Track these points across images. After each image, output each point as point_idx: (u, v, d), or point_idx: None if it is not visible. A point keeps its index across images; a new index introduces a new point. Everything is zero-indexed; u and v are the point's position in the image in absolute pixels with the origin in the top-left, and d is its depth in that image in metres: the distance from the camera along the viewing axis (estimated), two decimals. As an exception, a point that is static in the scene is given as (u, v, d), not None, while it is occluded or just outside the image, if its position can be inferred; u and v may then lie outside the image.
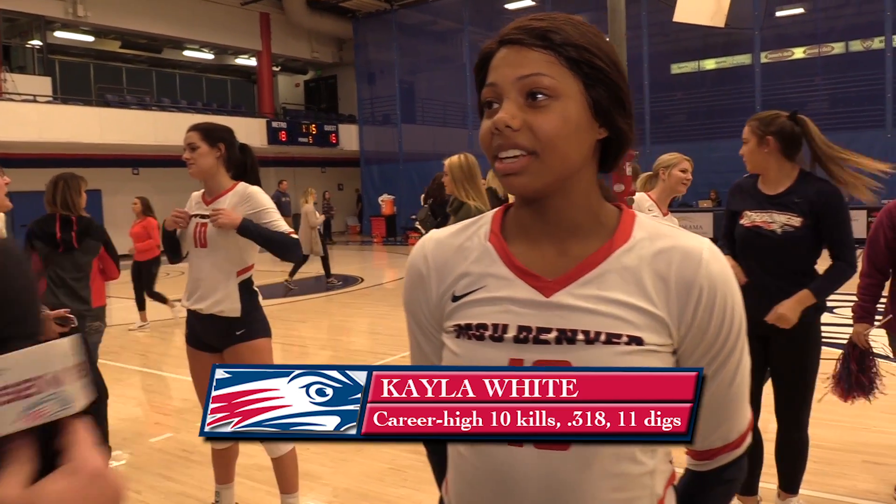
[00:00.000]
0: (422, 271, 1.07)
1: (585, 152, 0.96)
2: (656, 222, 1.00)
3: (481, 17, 20.21)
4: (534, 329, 0.95)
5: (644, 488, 0.97)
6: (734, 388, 1.00)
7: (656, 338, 0.94)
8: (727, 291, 0.95)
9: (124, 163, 18.76)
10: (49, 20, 18.35)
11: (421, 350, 1.11)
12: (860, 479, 3.52)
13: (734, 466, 1.05)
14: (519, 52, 0.93)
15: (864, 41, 15.39)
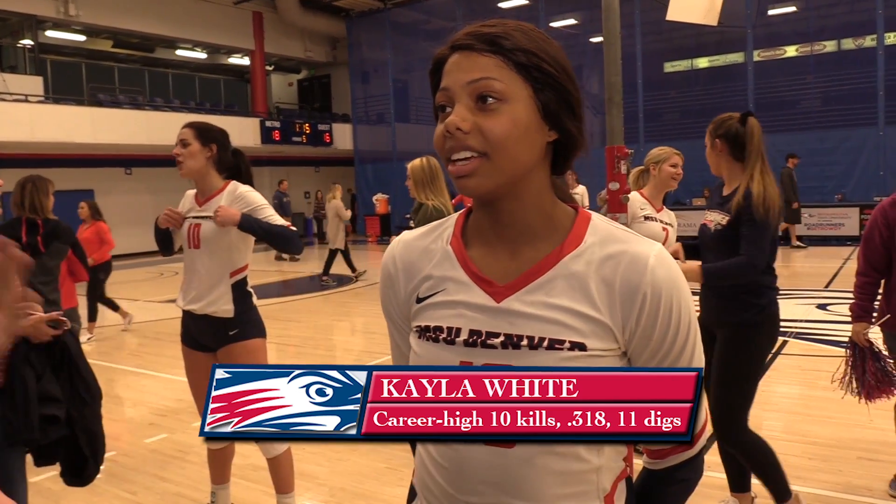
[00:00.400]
0: (391, 272, 1.13)
1: (535, 154, 0.99)
2: (612, 226, 1.03)
3: (474, 15, 20.08)
4: (483, 333, 1.00)
5: (589, 483, 1.00)
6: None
7: (600, 343, 0.97)
8: (673, 296, 0.97)
9: (117, 162, 18.69)
10: (40, 19, 18.25)
11: (398, 348, 1.19)
12: (855, 476, 3.53)
13: (687, 466, 1.08)
14: (469, 58, 0.97)
15: (856, 39, 15.44)
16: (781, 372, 5.53)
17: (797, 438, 4.06)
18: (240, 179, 3.19)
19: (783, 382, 5.29)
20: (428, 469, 1.07)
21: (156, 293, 8.74)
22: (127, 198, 18.03)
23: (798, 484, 3.45)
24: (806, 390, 5.04)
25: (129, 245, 15.56)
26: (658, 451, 1.08)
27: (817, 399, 4.71)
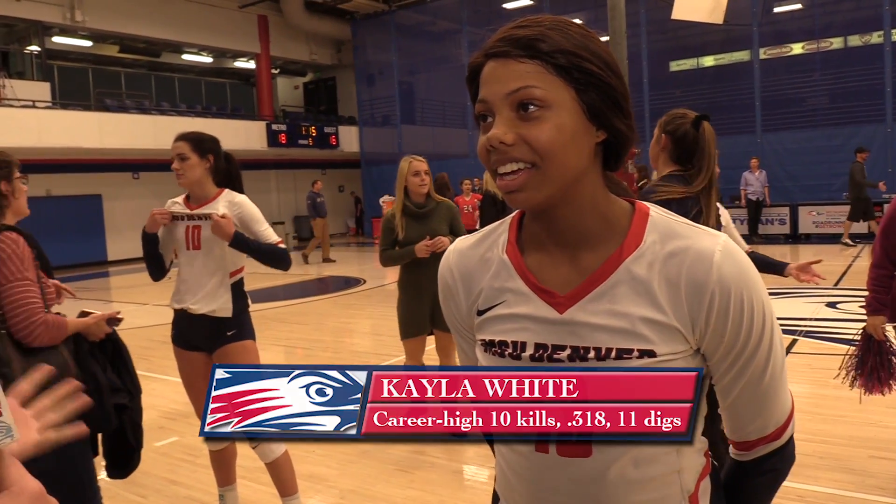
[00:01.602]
0: (449, 283, 1.11)
1: (585, 158, 0.95)
2: (671, 219, 0.98)
3: (479, 17, 20.20)
4: (549, 347, 0.97)
5: (671, 486, 0.98)
6: (765, 384, 0.99)
7: (669, 347, 0.94)
8: (743, 290, 0.93)
9: (124, 167, 18.76)
10: (47, 26, 18.34)
11: (466, 354, 1.16)
12: (867, 474, 3.51)
13: (776, 457, 1.06)
14: (506, 66, 0.92)
15: (862, 36, 15.37)
16: (791, 371, 5.50)
17: (808, 437, 4.04)
18: (230, 182, 3.25)
19: (793, 381, 5.25)
20: (507, 479, 1.06)
21: (163, 297, 8.74)
22: (134, 202, 18.09)
23: (810, 483, 3.43)
24: (816, 389, 5.01)
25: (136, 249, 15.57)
26: (744, 443, 1.06)
27: (828, 398, 4.68)
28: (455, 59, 20.89)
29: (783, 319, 7.28)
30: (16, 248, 2.34)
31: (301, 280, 13.39)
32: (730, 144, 15.62)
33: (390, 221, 4.15)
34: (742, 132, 16.08)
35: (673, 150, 2.67)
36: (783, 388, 1.03)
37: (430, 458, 4.08)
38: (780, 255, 14.16)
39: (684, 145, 2.63)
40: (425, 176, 4.12)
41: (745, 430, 1.04)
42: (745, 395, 1.00)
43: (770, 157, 15.76)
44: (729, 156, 15.36)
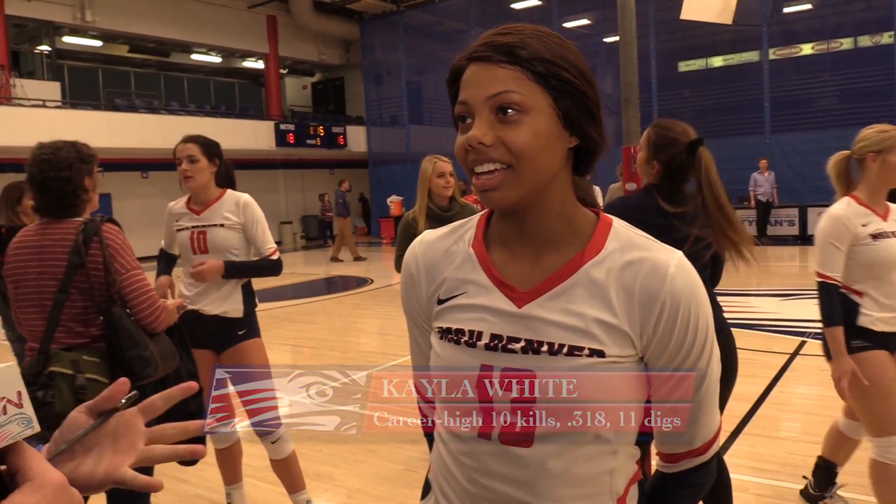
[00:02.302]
0: (412, 272, 1.14)
1: (558, 161, 1.00)
2: (633, 232, 1.04)
3: (487, 17, 20.19)
4: (504, 338, 1.01)
5: (602, 485, 1.02)
6: (698, 399, 1.04)
7: (619, 350, 0.98)
8: (692, 305, 0.99)
9: (133, 167, 18.83)
10: (57, 25, 18.44)
11: (418, 346, 1.20)
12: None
13: (699, 472, 1.10)
14: (487, 70, 0.97)
15: (872, 36, 15.29)
16: (800, 373, 5.48)
17: (817, 440, 4.01)
18: (227, 183, 3.27)
19: (802, 383, 5.24)
20: (446, 464, 1.08)
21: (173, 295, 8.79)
22: (143, 201, 18.15)
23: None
24: (825, 391, 4.97)
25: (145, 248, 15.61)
26: (671, 456, 1.10)
27: (837, 400, 4.63)
28: (463, 59, 20.90)
29: (793, 321, 7.26)
30: (123, 239, 2.40)
31: (309, 280, 13.42)
32: (738, 145, 15.57)
33: (411, 226, 3.77)
34: (751, 133, 16.03)
35: (665, 180, 2.53)
36: (714, 406, 1.07)
37: (437, 457, 4.08)
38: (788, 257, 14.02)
39: (679, 178, 2.51)
40: (450, 178, 3.85)
41: (672, 443, 1.09)
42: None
43: (779, 158, 15.69)
44: (737, 157, 15.31)
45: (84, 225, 2.34)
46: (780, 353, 5.97)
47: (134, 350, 2.30)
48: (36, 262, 2.35)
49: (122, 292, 2.33)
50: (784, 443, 4.04)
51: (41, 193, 2.37)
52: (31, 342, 2.38)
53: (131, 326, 2.31)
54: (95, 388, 2.23)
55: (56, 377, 2.19)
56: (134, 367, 2.29)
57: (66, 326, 2.33)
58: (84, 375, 2.22)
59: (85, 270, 2.30)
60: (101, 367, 2.28)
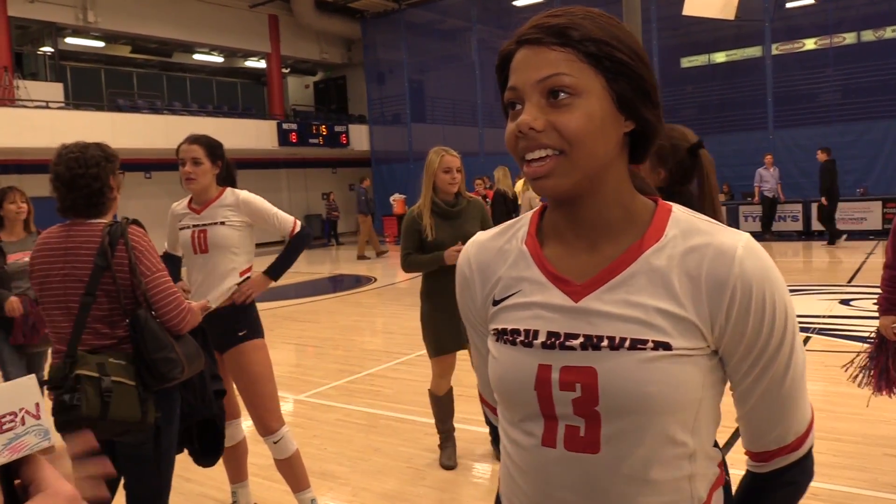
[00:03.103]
0: (466, 275, 1.10)
1: (613, 147, 0.95)
2: (694, 217, 0.97)
3: (489, 14, 20.18)
4: (562, 335, 0.95)
5: (681, 492, 0.95)
6: (786, 389, 0.96)
7: (686, 342, 0.91)
8: (766, 289, 0.91)
9: (136, 167, 18.85)
10: (60, 27, 18.46)
11: (478, 350, 1.14)
12: (881, 472, 3.49)
13: (795, 469, 1.02)
14: (538, 53, 0.92)
15: (875, 31, 15.24)
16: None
17: (821, 435, 4.02)
18: (228, 181, 3.28)
19: (807, 379, 5.23)
20: (513, 478, 1.03)
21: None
22: (146, 202, 18.17)
23: (823, 481, 3.42)
24: (830, 386, 4.98)
25: (149, 248, 15.71)
26: (762, 454, 1.02)
27: (841, 395, 4.65)
28: (465, 56, 20.90)
29: (797, 317, 7.24)
30: (148, 241, 2.42)
31: (312, 278, 13.43)
32: (741, 141, 15.54)
33: (416, 222, 3.68)
34: (754, 129, 15.99)
35: (672, 185, 2.52)
36: (803, 396, 1.00)
37: (441, 455, 4.09)
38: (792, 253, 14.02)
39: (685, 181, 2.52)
40: (457, 174, 3.67)
41: (763, 440, 1.01)
42: (764, 401, 0.97)
43: (782, 154, 15.65)
44: (740, 153, 15.29)
45: (110, 227, 2.35)
46: (784, 348, 5.97)
47: (160, 352, 2.30)
48: (61, 264, 2.36)
49: (147, 294, 2.34)
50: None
51: (69, 192, 2.38)
52: (56, 344, 2.39)
53: (157, 328, 2.32)
54: (121, 390, 2.24)
55: (82, 380, 2.20)
56: (160, 368, 2.30)
57: (93, 329, 2.34)
58: (110, 378, 2.23)
59: (111, 273, 2.31)
60: (128, 369, 2.29)
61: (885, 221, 13.99)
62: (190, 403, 2.54)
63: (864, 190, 14.84)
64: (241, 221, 3.16)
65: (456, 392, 4.06)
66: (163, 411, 2.38)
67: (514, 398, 0.99)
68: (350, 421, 4.89)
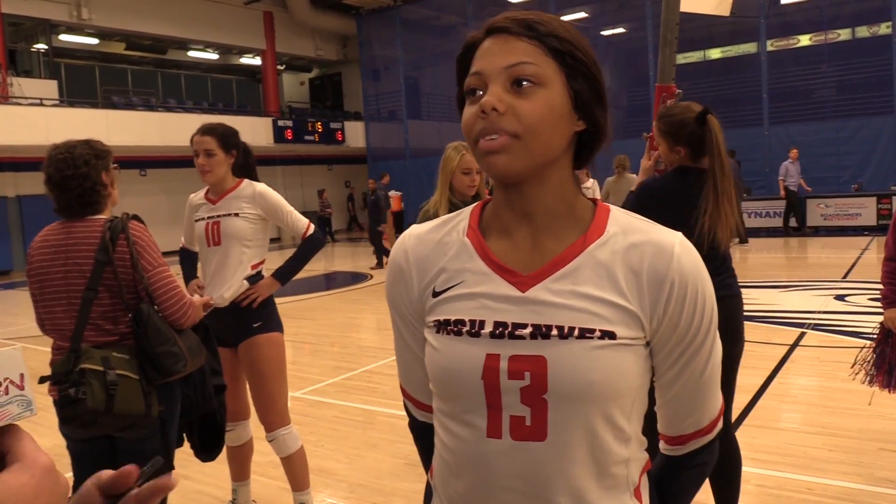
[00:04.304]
0: (402, 266, 1.10)
1: (564, 142, 0.99)
2: (631, 217, 1.02)
3: (484, 10, 19.98)
4: (510, 324, 0.97)
5: (618, 477, 0.99)
6: (705, 377, 1.03)
7: (628, 331, 0.96)
8: (699, 285, 0.97)
9: (131, 164, 18.82)
10: (54, 24, 18.40)
11: (404, 342, 1.14)
12: (877, 467, 3.50)
13: (705, 451, 1.09)
14: (506, 42, 0.97)
15: (870, 27, 15.29)
16: (800, 364, 5.50)
17: (817, 431, 4.04)
18: (247, 173, 3.24)
19: (802, 374, 5.25)
20: (452, 472, 1.03)
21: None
22: (142, 199, 18.15)
23: (819, 476, 3.43)
24: (825, 382, 5.00)
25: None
26: (679, 437, 1.09)
27: (837, 391, 4.67)
28: (461, 53, 20.87)
29: (792, 312, 7.27)
30: (149, 236, 2.41)
31: (308, 276, 13.41)
32: (737, 137, 15.56)
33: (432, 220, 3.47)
34: (749, 125, 16.03)
35: (691, 154, 2.68)
36: (718, 384, 1.06)
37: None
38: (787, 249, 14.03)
39: (699, 146, 2.63)
40: (476, 176, 3.32)
41: (682, 425, 1.07)
42: (686, 389, 1.03)
43: (777, 150, 15.70)
44: (736, 149, 15.30)
45: (110, 222, 2.35)
46: (779, 344, 5.99)
47: (163, 346, 2.30)
48: (62, 261, 2.35)
49: (149, 289, 2.33)
50: (784, 434, 4.05)
51: (61, 193, 2.37)
52: (58, 341, 2.39)
53: (160, 323, 2.32)
54: (126, 384, 2.24)
55: (87, 374, 2.19)
56: (163, 362, 2.30)
57: (96, 324, 2.33)
58: (115, 372, 2.23)
59: (112, 268, 2.30)
60: (131, 363, 2.29)
61: (880, 217, 14.04)
62: (190, 398, 2.54)
63: (858, 186, 14.89)
64: (256, 214, 3.12)
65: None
66: (165, 405, 2.38)
67: (457, 389, 0.99)
68: (347, 418, 4.90)
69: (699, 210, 2.50)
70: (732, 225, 2.54)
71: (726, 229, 2.53)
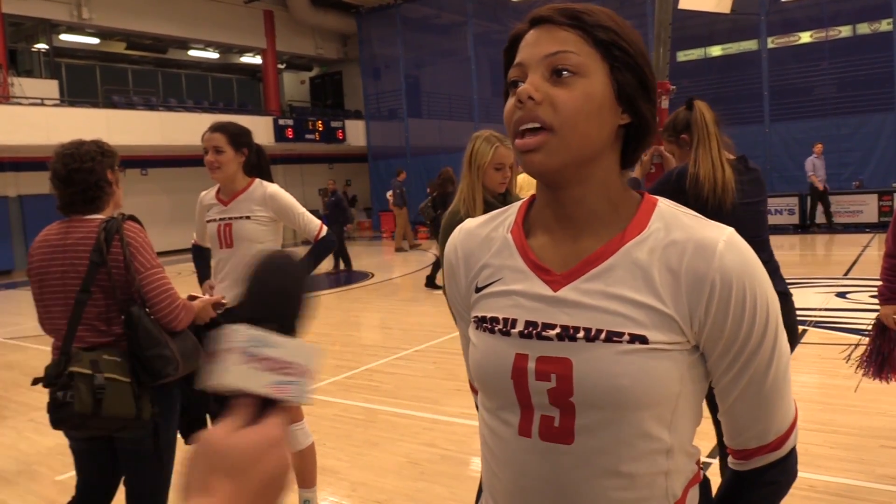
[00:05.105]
0: (452, 262, 1.10)
1: (606, 135, 0.94)
2: (679, 211, 0.97)
3: (485, 9, 20.15)
4: (539, 324, 0.95)
5: (656, 488, 0.94)
6: (767, 387, 0.95)
7: (664, 336, 0.90)
8: (746, 284, 0.90)
9: (132, 164, 18.80)
10: (54, 23, 18.40)
11: (464, 336, 1.13)
12: (878, 464, 3.51)
13: (776, 469, 1.00)
14: (549, 31, 0.94)
15: (871, 24, 15.25)
16: (801, 361, 5.50)
17: (818, 427, 4.04)
18: (260, 173, 3.23)
19: (803, 371, 5.25)
20: (491, 468, 1.03)
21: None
22: (143, 198, 18.13)
23: (820, 473, 3.43)
24: (826, 379, 5.00)
25: (146, 245, 15.72)
26: (742, 452, 1.01)
27: (838, 388, 4.67)
28: (461, 51, 20.86)
29: (792, 310, 7.26)
30: (144, 237, 2.40)
31: (309, 274, 13.40)
32: (737, 134, 15.41)
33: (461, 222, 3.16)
34: (750, 122, 16.00)
35: (691, 135, 2.89)
36: (787, 394, 0.98)
37: (439, 449, 4.10)
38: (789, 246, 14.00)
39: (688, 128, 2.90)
40: (509, 171, 2.98)
41: (743, 437, 1.00)
42: (745, 398, 0.96)
43: (778, 147, 15.68)
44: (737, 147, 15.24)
45: (106, 223, 2.34)
46: (781, 341, 5.98)
47: (154, 349, 2.29)
48: (59, 261, 2.36)
49: (141, 291, 2.32)
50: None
51: (66, 187, 2.38)
52: (56, 341, 2.39)
53: (150, 325, 2.31)
54: (114, 387, 2.24)
55: (75, 377, 2.19)
56: (154, 366, 2.29)
57: (91, 325, 2.33)
58: (103, 375, 2.22)
59: (106, 269, 2.30)
60: (122, 366, 2.28)
61: (881, 214, 14.02)
62: (190, 398, 2.55)
63: (859, 183, 14.87)
64: (267, 217, 3.11)
65: (451, 386, 4.07)
66: (161, 407, 2.38)
67: (491, 386, 0.99)
68: (348, 416, 4.90)
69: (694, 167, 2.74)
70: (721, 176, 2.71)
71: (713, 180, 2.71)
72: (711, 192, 2.69)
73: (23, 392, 5.94)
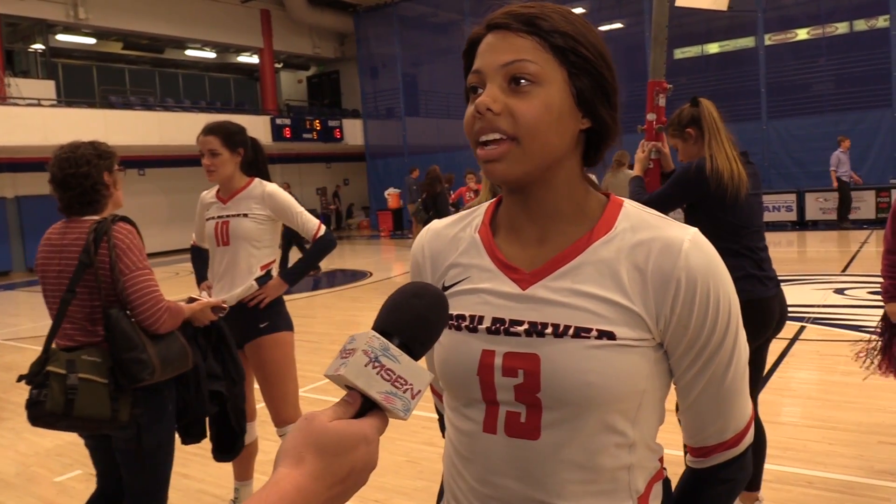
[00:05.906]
0: (419, 261, 1.12)
1: (567, 141, 0.95)
2: (644, 212, 0.99)
3: (482, 7, 20.03)
4: (507, 321, 0.96)
5: (618, 482, 0.96)
6: (727, 383, 0.97)
7: (631, 332, 0.92)
8: (710, 283, 0.92)
9: (130, 164, 18.79)
10: (51, 24, 18.37)
11: None
12: (877, 460, 3.51)
13: (733, 466, 1.03)
14: (505, 38, 0.94)
15: (868, 20, 15.25)
16: (799, 358, 5.50)
17: (817, 424, 4.04)
18: (257, 171, 3.23)
19: (801, 368, 5.26)
20: (455, 466, 1.04)
21: (173, 292, 8.76)
22: (140, 199, 18.12)
23: (819, 469, 3.44)
24: (825, 375, 5.00)
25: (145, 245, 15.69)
26: (701, 449, 1.03)
27: (836, 384, 4.68)
28: (458, 50, 20.14)
29: (791, 306, 7.26)
30: (133, 239, 2.38)
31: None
32: (735, 131, 15.37)
33: None
34: (747, 119, 16.01)
35: (697, 130, 3.02)
36: (744, 392, 1.00)
37: (439, 448, 4.10)
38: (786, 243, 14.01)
39: (701, 121, 3.02)
40: None
41: (703, 434, 1.02)
42: (705, 395, 0.98)
43: (776, 144, 15.69)
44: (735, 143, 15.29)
45: (97, 224, 2.35)
46: (779, 338, 5.98)
47: (130, 352, 2.27)
48: (56, 261, 2.38)
49: (123, 292, 2.31)
50: (785, 427, 4.05)
51: (63, 191, 2.39)
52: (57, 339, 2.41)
53: (129, 328, 2.29)
54: (89, 388, 2.23)
55: (50, 377, 2.21)
56: (130, 369, 2.28)
57: (81, 325, 2.34)
58: (77, 375, 2.22)
59: (93, 269, 2.31)
60: (101, 367, 2.28)
61: (879, 210, 14.04)
62: (185, 400, 2.54)
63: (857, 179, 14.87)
64: (265, 215, 3.11)
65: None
66: (147, 409, 2.37)
67: (456, 383, 1.00)
68: (347, 416, 4.89)
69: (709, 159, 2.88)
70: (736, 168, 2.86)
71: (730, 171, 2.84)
72: (730, 183, 2.80)
73: (21, 393, 5.91)
